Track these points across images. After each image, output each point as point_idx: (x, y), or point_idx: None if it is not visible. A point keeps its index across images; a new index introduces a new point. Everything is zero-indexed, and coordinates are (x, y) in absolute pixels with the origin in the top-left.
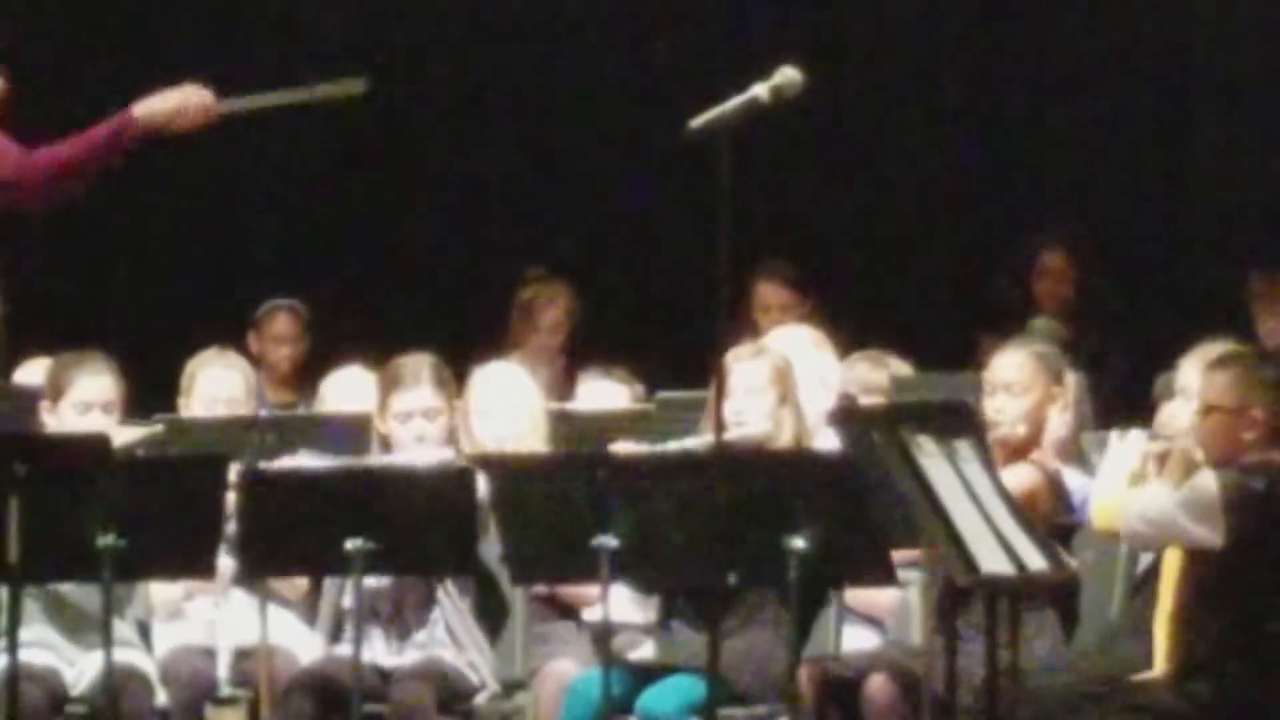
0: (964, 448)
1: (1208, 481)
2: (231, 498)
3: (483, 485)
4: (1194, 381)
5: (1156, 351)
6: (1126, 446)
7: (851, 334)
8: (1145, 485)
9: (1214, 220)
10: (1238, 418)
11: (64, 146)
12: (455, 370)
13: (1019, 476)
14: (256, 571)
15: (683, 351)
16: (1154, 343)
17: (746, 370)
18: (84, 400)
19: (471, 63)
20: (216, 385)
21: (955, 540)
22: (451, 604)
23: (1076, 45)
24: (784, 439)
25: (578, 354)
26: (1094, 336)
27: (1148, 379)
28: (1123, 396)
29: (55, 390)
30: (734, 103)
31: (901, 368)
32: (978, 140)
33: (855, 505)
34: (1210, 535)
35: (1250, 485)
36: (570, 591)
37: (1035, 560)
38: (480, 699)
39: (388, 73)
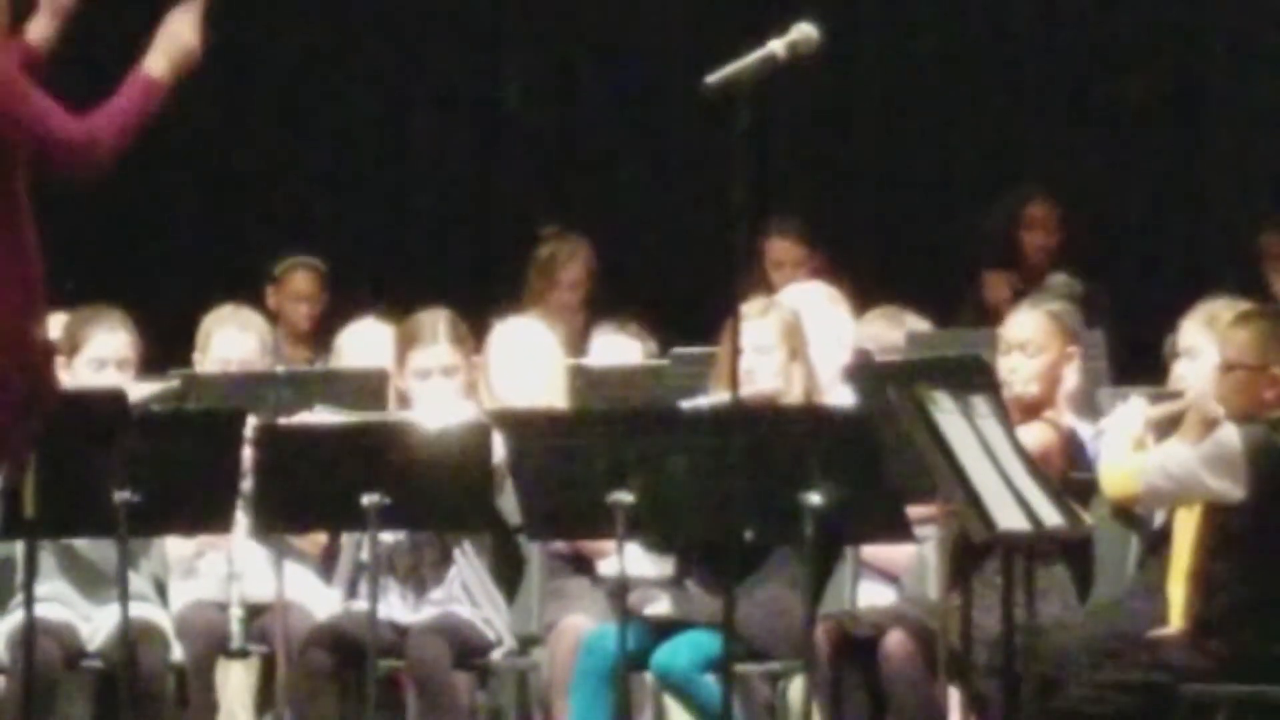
0: (980, 404)
1: (1230, 435)
2: (248, 453)
3: (500, 441)
4: (1197, 341)
5: (1167, 311)
6: (1128, 412)
7: (868, 290)
8: (1150, 448)
9: (1227, 179)
10: (1259, 375)
11: (110, 116)
12: (473, 326)
13: (1033, 435)
14: (272, 527)
15: (698, 307)
16: (1165, 301)
17: (756, 328)
18: (99, 357)
19: (487, 19)
20: (230, 347)
21: (971, 496)
22: (468, 560)
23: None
24: (794, 394)
25: (594, 309)
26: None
27: (1159, 337)
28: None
29: (71, 346)
30: (750, 59)
31: (918, 324)
32: (995, 97)
33: (871, 461)
34: (1232, 488)
35: (1273, 439)
36: (590, 543)
37: (1051, 516)
38: (496, 654)
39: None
